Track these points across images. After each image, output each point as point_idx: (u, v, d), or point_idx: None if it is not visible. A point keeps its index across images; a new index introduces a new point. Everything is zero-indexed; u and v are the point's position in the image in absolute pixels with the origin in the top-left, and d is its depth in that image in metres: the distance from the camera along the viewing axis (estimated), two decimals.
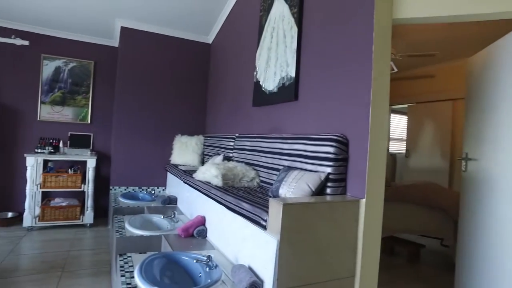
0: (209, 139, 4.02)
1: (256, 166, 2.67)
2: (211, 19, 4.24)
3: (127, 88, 4.27)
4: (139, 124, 4.31)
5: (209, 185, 2.48)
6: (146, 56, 4.36)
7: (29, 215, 3.95)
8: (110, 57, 4.78)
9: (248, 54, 3.28)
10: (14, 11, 4.05)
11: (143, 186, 4.34)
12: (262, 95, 2.84)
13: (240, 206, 1.87)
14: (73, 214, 4.14)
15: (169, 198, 3.65)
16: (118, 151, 4.26)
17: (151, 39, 4.38)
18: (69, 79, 4.57)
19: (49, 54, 4.47)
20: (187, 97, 4.55)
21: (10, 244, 3.51)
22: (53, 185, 4.07)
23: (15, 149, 4.37)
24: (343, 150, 1.81)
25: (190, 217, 3.06)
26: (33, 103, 4.42)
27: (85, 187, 4.19)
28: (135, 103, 4.30)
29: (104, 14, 4.12)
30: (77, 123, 4.61)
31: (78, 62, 4.61)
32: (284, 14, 2.57)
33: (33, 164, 3.94)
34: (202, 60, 4.63)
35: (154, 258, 1.91)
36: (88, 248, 3.56)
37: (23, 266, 3.04)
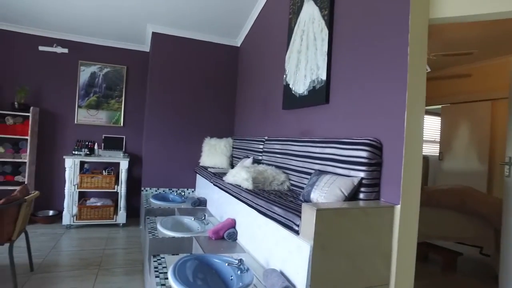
0: (238, 142, 4.05)
1: (286, 170, 2.66)
2: (240, 23, 4.28)
3: (158, 92, 4.39)
4: (170, 126, 4.41)
5: (239, 188, 2.50)
6: (176, 60, 4.46)
7: (68, 214, 4.14)
8: (142, 62, 4.92)
9: (277, 57, 3.28)
10: (55, 21, 4.27)
11: (173, 187, 4.43)
12: (292, 98, 2.83)
13: (272, 210, 1.87)
14: (107, 213, 4.30)
15: (198, 200, 3.70)
16: (149, 153, 4.37)
17: (181, 43, 4.47)
18: (104, 83, 4.75)
19: (85, 61, 4.67)
20: (216, 100, 4.61)
21: (52, 241, 3.69)
22: (89, 185, 4.25)
23: (55, 151, 4.60)
24: (376, 154, 1.77)
25: (220, 219, 3.09)
26: (71, 107, 4.64)
27: (118, 188, 4.34)
28: (166, 106, 4.40)
29: (136, 21, 4.25)
30: (111, 126, 4.79)
31: (112, 67, 4.79)
32: (314, 16, 2.55)
33: (71, 165, 4.12)
34: (231, 63, 4.68)
35: (186, 260, 1.95)
36: (121, 247, 3.68)
37: (63, 262, 3.19)
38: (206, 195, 3.81)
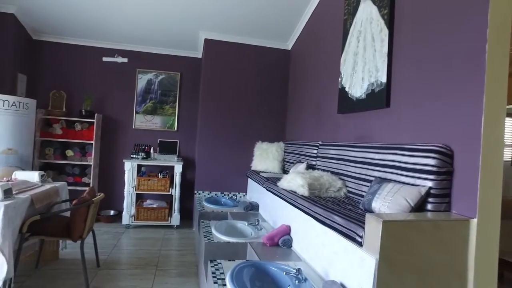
0: (290, 146, 4.00)
1: (342, 176, 2.57)
2: (291, 26, 4.25)
3: (210, 97, 4.49)
4: (222, 131, 4.49)
5: (295, 195, 2.45)
6: (228, 65, 4.54)
7: (127, 214, 4.38)
8: (194, 68, 5.08)
9: (331, 60, 3.20)
10: (117, 33, 4.57)
11: (225, 191, 4.50)
12: (348, 102, 2.73)
13: (332, 219, 1.81)
14: (162, 215, 4.47)
15: (251, 205, 3.71)
16: (202, 157, 4.49)
17: (232, 48, 4.54)
18: (159, 90, 4.97)
19: (142, 68, 4.93)
20: (267, 104, 4.61)
21: (114, 239, 3.92)
22: (146, 188, 4.45)
23: (115, 154, 4.89)
24: (446, 162, 1.63)
25: (273, 224, 3.07)
26: (129, 113, 4.91)
27: (173, 190, 4.49)
28: (218, 111, 4.49)
29: (189, 29, 4.40)
30: (165, 130, 4.99)
31: (167, 74, 4.99)
32: (372, 16, 2.44)
33: (130, 168, 4.36)
34: (282, 66, 4.66)
35: (243, 267, 1.95)
36: (176, 249, 3.80)
37: (124, 260, 3.36)
38: (258, 200, 3.81)
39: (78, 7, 4.01)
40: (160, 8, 3.95)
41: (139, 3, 3.89)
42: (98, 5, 3.95)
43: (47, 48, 4.72)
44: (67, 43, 4.76)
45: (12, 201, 2.26)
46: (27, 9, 4.12)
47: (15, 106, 3.85)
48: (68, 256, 3.30)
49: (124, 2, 3.88)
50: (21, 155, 3.96)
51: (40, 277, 2.87)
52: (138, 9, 4.01)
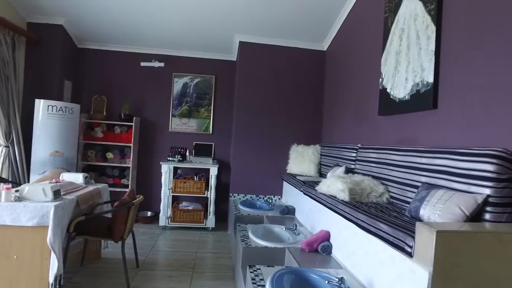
0: (327, 149, 3.91)
1: (384, 180, 2.46)
2: (327, 26, 4.16)
3: (245, 99, 4.49)
4: (257, 133, 4.48)
5: (335, 200, 2.38)
6: (262, 67, 4.52)
7: (163, 216, 4.47)
8: (229, 71, 5.11)
9: (370, 60, 3.08)
10: (154, 39, 4.69)
11: (260, 194, 4.47)
12: (390, 104, 2.61)
13: (377, 227, 1.72)
14: (197, 217, 4.52)
15: (287, 208, 3.66)
16: (237, 160, 4.49)
17: (267, 50, 4.52)
18: (194, 93, 5.04)
19: (178, 72, 5.02)
20: (302, 106, 4.55)
21: (151, 240, 4.01)
22: (182, 190, 4.52)
23: (152, 157, 5.02)
24: (508, 168, 1.50)
25: (310, 229, 3.00)
26: (165, 116, 5.02)
27: (208, 193, 4.53)
28: (253, 114, 4.48)
29: (224, 32, 4.43)
30: (201, 133, 5.05)
31: (202, 77, 5.06)
32: (417, 12, 2.32)
33: (166, 170, 4.44)
34: (317, 68, 4.57)
35: (283, 273, 1.90)
36: (211, 251, 3.81)
37: (161, 261, 3.42)
38: (294, 203, 3.76)
39: (118, 16, 4.16)
40: (195, 12, 4.01)
41: (176, 9, 3.96)
42: (137, 12, 4.07)
43: (89, 55, 4.94)
44: (108, 50, 4.95)
45: (61, 201, 2.36)
46: (74, 20, 4.32)
47: (62, 111, 4.04)
48: (109, 255, 3.41)
49: (161, 9, 3.97)
50: (66, 157, 4.15)
51: (85, 274, 2.99)
52: (175, 15, 4.09)
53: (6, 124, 3.82)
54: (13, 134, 3.92)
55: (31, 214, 2.25)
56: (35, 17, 4.28)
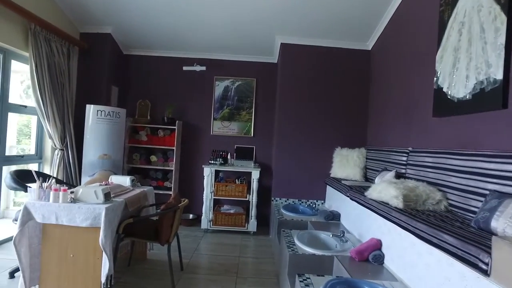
0: (373, 152, 3.74)
1: (441, 187, 2.28)
2: (371, 24, 3.99)
3: (287, 102, 4.42)
4: (299, 136, 4.39)
5: (387, 207, 2.24)
6: (304, 68, 4.43)
7: (205, 219, 4.49)
8: (270, 73, 5.06)
9: (422, 58, 2.90)
10: (196, 43, 4.77)
11: (303, 198, 4.38)
12: (446, 104, 2.43)
13: (440, 238, 1.58)
14: (239, 221, 4.50)
15: (332, 214, 3.54)
16: (279, 163, 4.43)
17: (309, 51, 4.43)
18: (235, 96, 5.05)
19: (220, 76, 5.05)
20: (346, 108, 4.40)
21: (194, 243, 4.03)
22: (224, 193, 4.53)
23: (194, 160, 5.08)
24: None
25: (358, 237, 2.87)
26: (207, 119, 5.06)
27: (250, 197, 4.50)
28: (295, 116, 4.40)
29: (265, 34, 4.39)
30: (242, 136, 5.04)
31: (243, 80, 5.05)
32: (481, 3, 2.13)
33: (209, 174, 4.47)
34: (361, 68, 4.41)
35: (335, 283, 1.81)
36: (254, 256, 3.76)
37: (205, 265, 3.42)
38: (339, 209, 3.62)
39: (162, 22, 4.27)
40: (237, 15, 4.01)
41: (218, 13, 3.99)
42: (179, 18, 4.15)
43: (134, 61, 5.11)
44: (151, 56, 5.09)
45: (111, 204, 2.42)
46: (121, 28, 4.50)
47: (110, 116, 4.20)
48: (154, 257, 3.47)
49: (204, 13, 4.02)
50: (113, 160, 4.30)
51: (132, 274, 3.05)
52: (217, 19, 4.12)
53: (61, 129, 4.03)
54: (67, 138, 4.13)
55: (84, 215, 2.32)
56: (86, 28, 4.51)
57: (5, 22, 3.37)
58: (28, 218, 2.39)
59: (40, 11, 3.66)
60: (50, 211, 2.35)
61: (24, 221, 2.38)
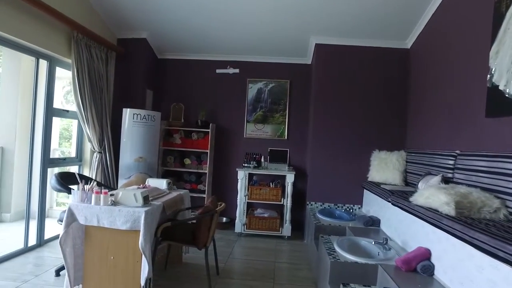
0: (414, 155, 3.56)
1: (499, 193, 2.10)
2: (411, 21, 3.81)
3: (322, 103, 4.32)
4: (334, 139, 4.27)
5: (436, 214, 2.09)
6: (340, 69, 4.31)
7: (239, 223, 4.46)
8: (303, 75, 4.97)
9: (472, 54, 2.71)
10: (229, 46, 4.77)
11: (339, 203, 4.24)
12: (504, 103, 2.24)
13: (508, 251, 1.43)
14: (273, 225, 4.42)
15: (371, 219, 3.39)
16: (314, 166, 4.32)
17: (344, 51, 4.31)
18: (269, 98, 4.99)
19: (253, 78, 5.02)
20: (384, 109, 4.23)
21: (228, 247, 4.01)
22: (258, 197, 4.47)
23: (227, 163, 5.07)
24: None
25: (402, 244, 2.72)
26: (240, 122, 5.04)
27: (284, 200, 4.42)
28: (330, 118, 4.29)
29: (300, 35, 4.32)
30: (275, 139, 4.97)
31: (276, 82, 4.99)
32: None
33: (243, 177, 4.43)
34: (400, 67, 4.22)
35: None
36: (289, 262, 3.67)
37: (241, 269, 3.38)
38: (378, 214, 3.47)
39: (196, 26, 4.30)
40: (270, 16, 3.97)
41: (251, 15, 3.97)
42: (213, 21, 4.16)
43: (168, 65, 5.18)
44: (185, 59, 5.14)
45: (150, 207, 2.42)
46: (156, 33, 4.58)
47: (145, 119, 4.27)
48: (190, 260, 3.47)
49: (237, 16, 4.00)
50: (148, 162, 4.37)
51: (168, 278, 3.06)
52: (250, 21, 4.10)
53: (100, 132, 4.14)
54: (105, 141, 4.24)
55: (124, 218, 2.34)
56: (123, 33, 4.62)
57: (51, 31, 3.51)
58: (72, 219, 2.44)
59: (81, 19, 3.78)
60: (92, 213, 2.39)
61: (69, 222, 2.44)
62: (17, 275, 2.94)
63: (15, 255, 3.38)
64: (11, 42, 3.20)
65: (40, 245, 3.71)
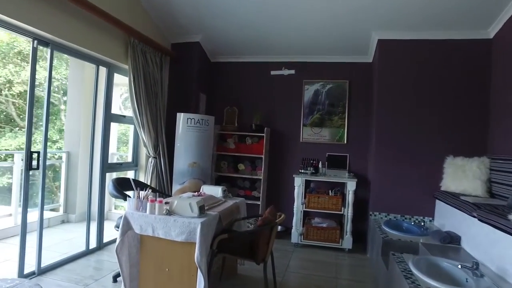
0: (501, 163, 3.05)
1: None
2: (495, 6, 3.30)
3: (386, 105, 3.94)
4: (401, 143, 3.87)
5: None
6: (406, 67, 3.90)
7: (296, 232, 4.21)
8: (364, 74, 4.60)
9: None
10: (284, 46, 4.57)
11: (406, 214, 3.82)
12: None
13: None
14: (332, 236, 4.11)
15: (448, 236, 2.96)
16: (378, 173, 3.94)
17: (411, 47, 3.89)
18: (326, 100, 4.69)
19: (309, 79, 4.76)
20: (459, 110, 3.74)
21: (284, 258, 3.77)
22: (315, 205, 4.19)
23: (282, 169, 4.84)
24: None
25: (496, 270, 2.28)
26: (296, 126, 4.79)
27: (345, 210, 4.09)
28: (396, 121, 3.89)
29: (360, 31, 3.99)
30: (334, 143, 4.65)
31: (334, 83, 4.68)
32: None
33: (300, 184, 4.18)
34: (479, 60, 3.70)
35: None
36: (353, 279, 3.34)
37: (300, 285, 3.14)
38: (457, 229, 3.03)
39: (249, 28, 4.17)
40: (328, 12, 3.72)
41: (308, 12, 3.73)
42: (267, 22, 4.00)
43: (221, 68, 5.10)
44: (238, 62, 5.03)
45: (206, 218, 2.28)
46: (209, 36, 4.52)
47: (199, 123, 4.20)
48: (245, 272, 3.29)
49: (294, 14, 3.79)
50: (202, 168, 4.29)
51: None
52: (307, 19, 3.86)
53: (155, 137, 4.15)
54: (160, 146, 4.24)
55: (180, 229, 2.22)
56: (177, 38, 4.63)
57: (110, 39, 3.58)
58: (127, 227, 2.38)
59: (137, 25, 3.81)
60: (147, 223, 2.31)
61: (124, 230, 2.38)
62: (79, 278, 3.01)
63: (78, 257, 3.51)
64: (77, 52, 3.31)
65: (100, 248, 3.79)
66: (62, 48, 3.14)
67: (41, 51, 3.08)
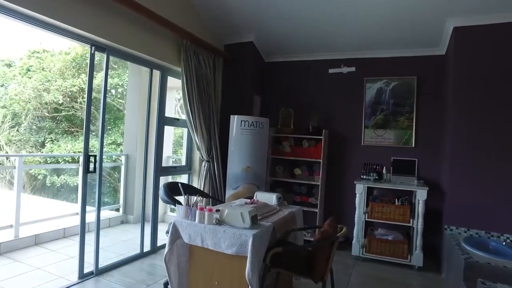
0: None
1: None
2: None
3: (464, 103, 3.42)
4: (483, 146, 3.32)
5: None
6: (489, 57, 3.35)
7: (357, 244, 3.83)
8: (435, 69, 4.07)
9: None
10: (343, 42, 4.24)
11: (493, 231, 3.25)
12: None
13: None
14: (399, 251, 3.66)
15: None
16: (455, 181, 3.43)
17: (495, 33, 3.34)
18: (391, 99, 4.24)
19: (371, 77, 4.34)
20: None
21: (344, 274, 3.43)
22: (379, 215, 3.77)
23: (342, 174, 4.48)
24: None
25: None
26: (357, 128, 4.40)
27: (414, 222, 3.62)
28: (476, 120, 3.36)
29: (430, 19, 3.54)
30: (400, 147, 4.18)
31: (400, 80, 4.21)
32: None
33: (362, 191, 3.80)
34: None
35: None
36: None
37: None
38: None
39: (305, 25, 3.94)
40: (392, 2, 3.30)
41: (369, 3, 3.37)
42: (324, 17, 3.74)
43: (276, 68, 4.89)
44: (293, 61, 4.79)
45: (259, 230, 2.07)
46: (263, 35, 4.35)
47: (253, 126, 4.03)
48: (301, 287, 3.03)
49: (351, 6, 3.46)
50: (256, 172, 4.10)
51: None
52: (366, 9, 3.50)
53: (208, 140, 4.06)
54: (213, 150, 4.14)
55: (230, 241, 2.03)
56: (230, 38, 4.53)
57: (163, 42, 3.58)
58: (176, 236, 2.27)
59: (189, 27, 3.76)
60: (196, 232, 2.16)
61: (173, 239, 2.27)
62: (132, 282, 3.01)
63: (133, 259, 3.54)
64: (131, 56, 3.34)
65: (153, 251, 3.78)
66: (117, 53, 3.17)
67: (101, 57, 3.16)
